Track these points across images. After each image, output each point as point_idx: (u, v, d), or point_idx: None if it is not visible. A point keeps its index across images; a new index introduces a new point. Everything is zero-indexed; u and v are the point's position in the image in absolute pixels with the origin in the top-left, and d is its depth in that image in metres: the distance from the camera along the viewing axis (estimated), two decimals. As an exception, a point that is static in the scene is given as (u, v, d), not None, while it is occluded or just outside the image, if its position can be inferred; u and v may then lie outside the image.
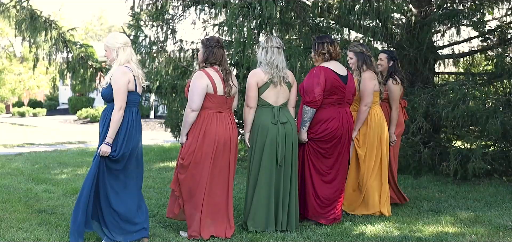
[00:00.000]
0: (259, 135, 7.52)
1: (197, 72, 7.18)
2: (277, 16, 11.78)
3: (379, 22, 12.11)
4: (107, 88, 6.67)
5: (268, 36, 7.83)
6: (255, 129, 7.54)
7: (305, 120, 7.78)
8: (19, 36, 14.24)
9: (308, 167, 7.92)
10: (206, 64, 7.18)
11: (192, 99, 7.07)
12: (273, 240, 7.09)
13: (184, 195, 7.18)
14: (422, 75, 12.79)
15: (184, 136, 7.17)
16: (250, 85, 7.51)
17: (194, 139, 7.09)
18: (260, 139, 7.51)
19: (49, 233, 7.11)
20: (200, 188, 7.11)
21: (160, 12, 13.69)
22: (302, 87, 7.85)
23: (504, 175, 11.75)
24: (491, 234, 7.49)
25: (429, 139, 12.22)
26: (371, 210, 8.46)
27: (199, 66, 7.26)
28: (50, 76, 36.93)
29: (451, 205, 9.28)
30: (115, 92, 6.56)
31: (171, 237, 7.16)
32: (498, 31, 12.92)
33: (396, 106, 9.07)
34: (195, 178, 7.10)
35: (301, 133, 7.80)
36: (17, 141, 20.32)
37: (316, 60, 7.95)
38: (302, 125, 7.79)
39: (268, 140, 7.48)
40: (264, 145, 7.49)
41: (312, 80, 7.75)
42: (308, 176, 7.93)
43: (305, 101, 7.76)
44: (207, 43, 7.21)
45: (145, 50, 13.49)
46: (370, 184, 8.44)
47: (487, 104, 11.68)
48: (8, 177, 11.16)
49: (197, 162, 7.09)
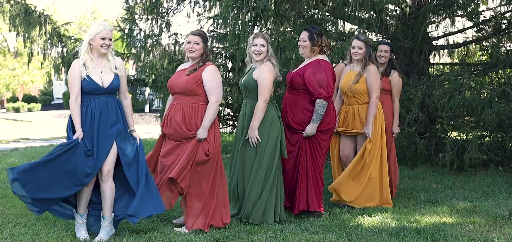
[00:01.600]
0: (272, 128, 7.62)
1: (214, 67, 7.30)
2: (272, 8, 11.77)
3: (373, 13, 12.12)
4: (116, 78, 6.81)
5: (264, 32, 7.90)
6: (268, 123, 7.61)
7: (320, 114, 7.79)
8: (13, 31, 14.20)
9: (317, 159, 8.00)
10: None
11: (220, 93, 7.23)
12: (272, 232, 7.08)
13: (194, 189, 7.21)
14: (417, 66, 12.80)
15: (207, 130, 7.19)
16: (270, 81, 7.59)
17: (212, 132, 7.18)
18: (273, 132, 7.61)
19: (47, 228, 7.09)
20: (213, 181, 7.26)
21: (154, 6, 13.67)
22: (312, 82, 7.80)
23: (500, 165, 11.80)
24: (488, 223, 7.51)
25: (425, 129, 12.25)
26: (373, 202, 8.47)
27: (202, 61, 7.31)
28: (44, 71, 36.86)
29: (448, 196, 9.31)
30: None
31: (169, 230, 7.16)
32: (493, 22, 12.92)
33: (398, 99, 9.22)
34: (211, 171, 7.22)
35: (313, 126, 7.83)
36: (13, 136, 20.29)
37: (312, 52, 7.95)
38: (317, 119, 7.80)
39: (278, 133, 7.64)
40: (276, 138, 7.62)
41: (326, 73, 7.81)
42: (317, 167, 8.00)
43: (323, 95, 7.75)
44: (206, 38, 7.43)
45: (140, 44, 13.51)
46: (372, 176, 8.46)
47: (483, 94, 11.69)
48: (4, 173, 11.11)
49: (217, 156, 7.25)
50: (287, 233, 7.03)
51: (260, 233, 7.04)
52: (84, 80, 6.64)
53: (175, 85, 7.23)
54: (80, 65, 6.65)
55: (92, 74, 6.66)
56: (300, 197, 7.90)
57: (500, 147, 11.79)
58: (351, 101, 8.49)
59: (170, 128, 7.18)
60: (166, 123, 7.26)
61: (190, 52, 7.27)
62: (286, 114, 7.95)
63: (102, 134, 6.68)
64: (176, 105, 7.19)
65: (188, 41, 7.29)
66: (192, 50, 7.26)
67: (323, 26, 11.88)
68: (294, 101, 7.95)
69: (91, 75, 6.65)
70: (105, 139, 6.69)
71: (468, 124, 12.36)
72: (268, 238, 6.87)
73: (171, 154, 7.19)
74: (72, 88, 6.64)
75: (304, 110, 7.89)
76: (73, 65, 6.70)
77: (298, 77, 7.90)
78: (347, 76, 8.58)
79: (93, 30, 6.75)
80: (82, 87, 6.64)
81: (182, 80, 7.20)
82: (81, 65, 6.65)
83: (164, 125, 7.31)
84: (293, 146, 7.95)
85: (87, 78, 6.64)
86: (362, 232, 7.11)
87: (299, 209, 7.88)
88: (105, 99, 6.75)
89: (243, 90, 7.84)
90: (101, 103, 6.72)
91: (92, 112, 6.67)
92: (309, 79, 7.81)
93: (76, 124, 6.61)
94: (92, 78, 6.64)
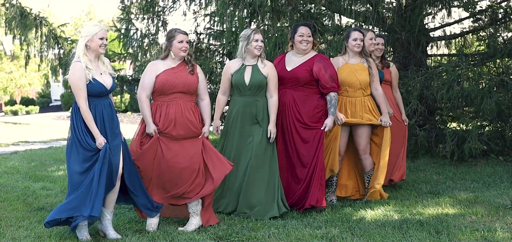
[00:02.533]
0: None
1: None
2: (268, 3, 11.74)
3: (370, 6, 12.10)
4: (113, 80, 6.93)
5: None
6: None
7: (335, 106, 8.03)
8: (10, 34, 14.18)
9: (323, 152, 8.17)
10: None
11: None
12: (274, 228, 7.08)
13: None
14: (415, 58, 12.78)
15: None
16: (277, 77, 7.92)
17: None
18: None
19: (49, 231, 7.06)
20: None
21: (150, 5, 13.63)
22: (325, 76, 7.95)
23: (501, 154, 11.79)
24: (491, 214, 7.52)
25: (425, 121, 12.23)
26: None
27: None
28: (42, 73, 36.83)
29: (449, 187, 9.31)
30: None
31: (171, 229, 7.16)
32: (489, 11, 12.88)
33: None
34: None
35: (332, 119, 8.05)
36: (12, 139, 20.25)
37: (309, 48, 8.05)
38: (333, 111, 8.00)
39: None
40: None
41: (333, 68, 8.09)
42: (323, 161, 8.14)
43: (336, 89, 8.00)
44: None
45: (137, 44, 13.47)
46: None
47: (481, 85, 11.68)
48: (4, 176, 11.11)
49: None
50: (290, 229, 7.02)
51: (263, 230, 7.03)
52: (91, 83, 6.61)
53: (178, 84, 7.16)
54: (84, 68, 6.61)
55: (96, 76, 6.66)
56: (313, 192, 7.89)
57: (500, 136, 11.79)
58: (357, 93, 8.45)
59: (181, 128, 7.16)
60: (173, 124, 7.15)
61: (184, 51, 7.25)
62: (294, 111, 7.99)
63: (111, 134, 6.72)
64: (182, 105, 7.18)
65: (180, 41, 7.23)
66: (186, 49, 7.26)
67: (319, 20, 11.85)
68: (303, 98, 8.01)
69: (96, 78, 6.64)
70: (114, 139, 6.75)
71: (468, 114, 12.34)
72: (271, 234, 6.85)
73: (181, 155, 7.20)
74: (80, 93, 6.56)
75: (318, 106, 8.02)
76: (77, 68, 6.60)
77: (307, 73, 7.96)
78: (347, 69, 8.50)
79: (89, 31, 6.71)
80: (89, 90, 6.61)
81: (190, 79, 7.24)
82: (84, 68, 6.61)
83: (169, 126, 7.16)
84: (305, 143, 7.98)
85: (93, 81, 6.62)
86: (365, 226, 7.11)
87: (311, 204, 7.88)
88: (108, 100, 6.79)
89: (249, 88, 7.79)
90: (107, 105, 6.75)
91: (102, 115, 6.70)
92: (321, 75, 7.94)
93: (95, 129, 6.59)
94: (98, 80, 6.65)
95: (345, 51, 8.59)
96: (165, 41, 7.38)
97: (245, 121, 7.77)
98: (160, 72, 7.18)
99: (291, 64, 8.07)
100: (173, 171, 7.14)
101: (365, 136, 8.53)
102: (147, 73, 7.24)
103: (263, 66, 7.76)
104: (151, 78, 7.17)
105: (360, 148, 8.56)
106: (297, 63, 8.06)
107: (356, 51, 8.48)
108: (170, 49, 7.26)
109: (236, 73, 7.81)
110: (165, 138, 7.15)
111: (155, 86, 7.17)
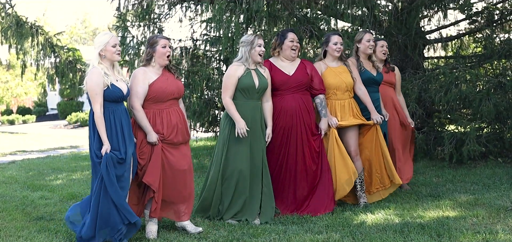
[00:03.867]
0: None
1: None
2: (265, 9, 11.75)
3: (366, 10, 12.11)
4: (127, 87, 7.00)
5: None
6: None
7: (326, 108, 8.24)
8: (6, 44, 14.14)
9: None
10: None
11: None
12: (275, 234, 7.06)
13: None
14: (412, 61, 12.80)
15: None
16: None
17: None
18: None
19: (49, 240, 7.05)
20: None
21: (146, 12, 13.61)
22: (318, 80, 8.21)
23: (500, 156, 11.77)
24: (491, 216, 7.50)
25: (423, 124, 12.25)
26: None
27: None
28: (38, 82, 36.80)
29: (449, 189, 9.30)
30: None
31: (172, 237, 7.13)
32: (485, 13, 12.91)
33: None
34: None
35: (325, 121, 8.22)
36: (9, 148, 20.20)
37: (301, 53, 8.26)
38: (325, 113, 8.21)
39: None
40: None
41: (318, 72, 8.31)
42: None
43: (324, 91, 8.26)
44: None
45: (133, 51, 13.44)
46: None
47: (478, 87, 11.68)
48: (3, 186, 11.07)
49: None
50: (291, 234, 7.01)
51: (263, 235, 7.02)
52: (108, 89, 6.64)
53: (175, 90, 7.21)
54: (102, 73, 6.62)
55: (114, 82, 6.71)
56: (322, 199, 8.07)
57: (499, 138, 11.78)
58: (345, 95, 8.47)
59: (180, 134, 7.22)
60: (176, 131, 7.17)
61: (168, 57, 7.24)
62: (305, 117, 8.09)
63: (129, 140, 6.77)
64: (178, 111, 7.28)
65: (163, 46, 7.18)
66: (169, 54, 7.25)
67: (316, 25, 11.84)
68: (308, 103, 8.14)
69: (114, 83, 6.68)
70: (131, 145, 6.81)
71: (466, 117, 12.34)
72: (272, 240, 6.84)
73: (181, 159, 7.25)
74: (97, 97, 6.59)
75: (314, 111, 8.26)
76: (95, 74, 6.63)
77: (307, 76, 8.13)
78: (331, 72, 8.49)
79: (101, 41, 6.77)
80: (106, 96, 6.64)
81: (180, 85, 7.32)
82: (103, 74, 6.62)
83: (172, 133, 7.15)
84: (316, 151, 8.12)
85: (111, 87, 6.65)
86: (366, 230, 7.09)
87: (327, 211, 8.01)
88: (123, 107, 6.85)
89: (258, 92, 7.82)
90: (123, 111, 6.81)
91: (121, 121, 6.75)
92: (315, 75, 8.17)
93: (104, 136, 6.60)
94: (116, 85, 6.69)
95: (324, 56, 8.60)
96: (147, 48, 7.27)
97: (256, 124, 7.80)
98: (153, 80, 7.13)
99: (288, 69, 8.10)
100: (179, 175, 7.17)
101: (355, 137, 8.57)
102: (140, 81, 7.09)
103: (263, 70, 7.86)
104: (145, 86, 7.10)
105: (351, 149, 8.54)
106: (293, 68, 8.11)
107: (336, 56, 8.50)
108: (153, 55, 7.20)
109: (244, 77, 7.74)
110: (167, 145, 7.13)
111: (149, 95, 7.11)
